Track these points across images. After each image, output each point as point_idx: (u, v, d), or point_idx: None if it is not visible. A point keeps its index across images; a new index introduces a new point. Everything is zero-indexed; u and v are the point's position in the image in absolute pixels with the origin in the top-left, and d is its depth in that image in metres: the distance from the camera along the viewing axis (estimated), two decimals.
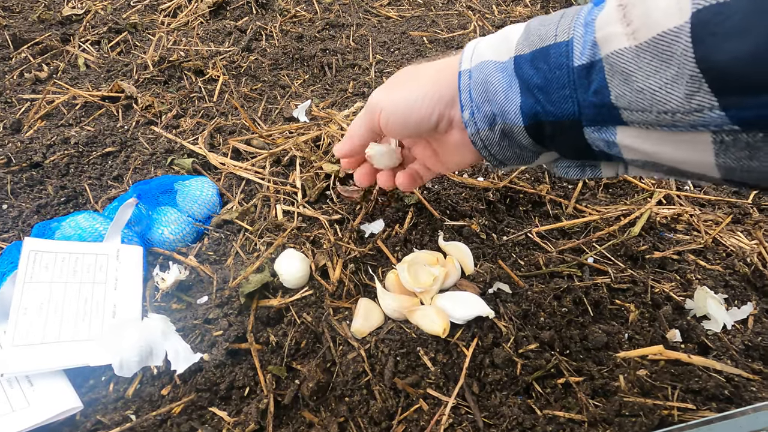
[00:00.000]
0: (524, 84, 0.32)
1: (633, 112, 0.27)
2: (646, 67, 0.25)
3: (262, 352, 0.45)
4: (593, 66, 0.28)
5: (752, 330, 0.47)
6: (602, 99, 0.28)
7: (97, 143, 0.75)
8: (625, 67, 0.26)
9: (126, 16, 1.16)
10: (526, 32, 0.33)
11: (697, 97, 0.24)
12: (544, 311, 0.48)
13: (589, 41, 0.28)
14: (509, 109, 0.33)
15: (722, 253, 0.55)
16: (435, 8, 1.21)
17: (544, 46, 0.31)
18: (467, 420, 0.40)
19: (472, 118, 0.35)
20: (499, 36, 0.35)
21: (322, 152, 0.70)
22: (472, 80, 0.35)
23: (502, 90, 0.33)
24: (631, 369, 0.43)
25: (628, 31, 0.26)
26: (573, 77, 0.29)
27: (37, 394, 0.39)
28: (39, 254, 0.46)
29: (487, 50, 0.35)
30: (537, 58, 0.31)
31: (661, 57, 0.25)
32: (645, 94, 0.26)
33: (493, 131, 0.35)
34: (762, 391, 0.40)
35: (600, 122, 0.29)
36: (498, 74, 0.33)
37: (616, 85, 0.27)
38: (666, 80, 0.25)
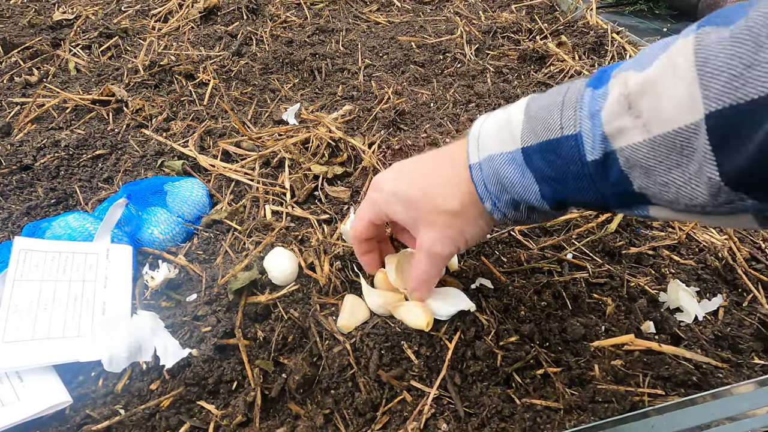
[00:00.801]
0: (538, 175, 0.32)
1: (660, 199, 0.27)
2: (666, 161, 0.25)
3: (250, 347, 0.46)
4: (607, 159, 0.28)
5: (722, 321, 0.49)
6: (624, 189, 0.28)
7: (88, 146, 0.76)
8: (643, 162, 0.26)
9: (117, 21, 1.17)
10: (528, 119, 0.32)
11: (723, 195, 0.23)
12: (524, 305, 0.49)
13: (599, 135, 0.28)
14: (530, 197, 0.33)
15: (695, 249, 0.57)
16: (423, 14, 1.24)
17: (551, 138, 0.30)
18: (449, 410, 0.42)
19: (495, 207, 0.36)
20: (501, 121, 0.35)
21: (310, 154, 0.71)
22: (483, 173, 0.35)
23: (518, 182, 0.33)
24: (607, 359, 0.44)
25: (638, 124, 0.25)
26: (588, 171, 0.29)
27: (27, 389, 0.40)
28: (29, 253, 0.47)
29: (491, 141, 0.35)
30: (546, 151, 0.31)
31: (682, 152, 0.24)
32: (670, 188, 0.25)
33: (519, 211, 0.35)
34: (728, 378, 0.42)
35: (628, 206, 0.29)
36: (508, 167, 0.33)
37: (636, 177, 0.27)
38: (690, 176, 0.24)
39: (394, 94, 0.87)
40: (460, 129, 0.80)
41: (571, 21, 1.11)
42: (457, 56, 1.01)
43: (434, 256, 0.40)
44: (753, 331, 0.48)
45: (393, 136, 0.76)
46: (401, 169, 0.41)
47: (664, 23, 1.25)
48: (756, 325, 0.48)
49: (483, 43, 1.06)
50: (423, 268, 0.41)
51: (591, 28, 1.06)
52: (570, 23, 1.11)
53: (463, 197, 0.37)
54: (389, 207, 0.40)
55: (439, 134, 0.76)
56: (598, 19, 1.09)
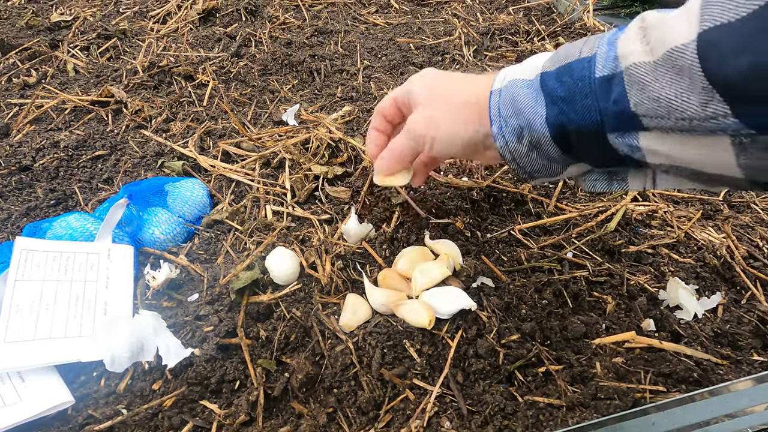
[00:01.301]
0: (549, 97, 0.34)
1: (652, 118, 0.29)
2: (662, 79, 0.27)
3: (252, 346, 0.46)
4: (614, 77, 0.30)
5: (721, 318, 0.49)
6: (622, 107, 0.30)
7: (87, 147, 0.75)
8: (642, 77, 0.28)
9: (115, 22, 1.17)
10: (554, 54, 0.35)
11: (711, 106, 0.26)
12: (525, 304, 0.49)
13: (611, 56, 0.30)
14: (535, 120, 0.35)
15: (694, 247, 0.57)
16: (421, 16, 1.24)
17: (569, 62, 0.33)
18: (452, 408, 0.42)
19: (500, 132, 0.37)
20: (529, 60, 0.38)
21: (311, 154, 0.71)
22: (501, 98, 0.37)
23: (529, 104, 0.35)
24: (608, 356, 0.45)
25: (646, 49, 0.28)
26: (594, 87, 0.31)
27: (29, 389, 0.40)
28: (31, 253, 0.47)
29: (516, 71, 0.38)
30: (561, 73, 0.34)
31: (674, 69, 0.27)
32: (661, 102, 0.28)
33: (521, 144, 0.37)
34: (728, 375, 0.43)
35: (622, 129, 0.31)
36: (525, 90, 0.36)
37: (634, 94, 0.29)
38: (681, 90, 0.27)
39: None
40: None
41: (569, 23, 1.12)
42: (455, 57, 1.01)
43: (410, 130, 0.43)
44: (752, 328, 0.48)
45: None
46: (445, 73, 0.45)
47: None
48: (755, 322, 0.48)
49: (481, 45, 1.06)
50: (397, 139, 0.45)
51: (588, 30, 1.07)
52: (567, 25, 1.11)
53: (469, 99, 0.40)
54: (415, 88, 0.44)
55: None
56: (595, 20, 1.10)
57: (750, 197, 0.67)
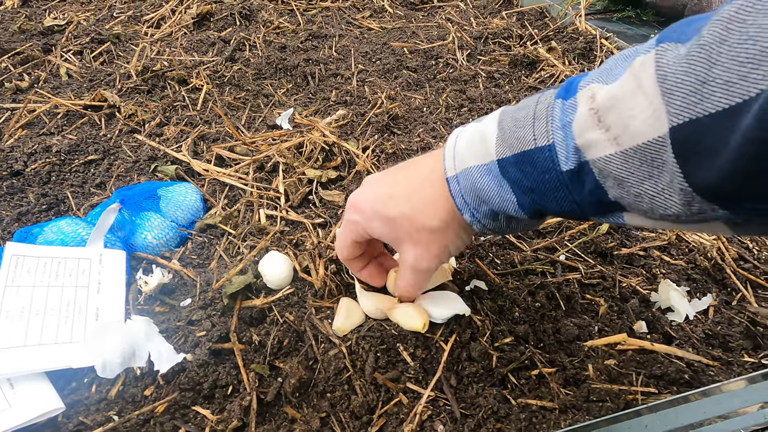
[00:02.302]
0: (516, 186, 0.33)
1: (635, 209, 0.27)
2: (638, 173, 0.26)
3: (245, 351, 0.46)
4: (582, 169, 0.29)
5: (712, 320, 0.50)
6: (599, 198, 0.29)
7: (80, 151, 0.75)
8: (616, 173, 0.26)
9: (109, 26, 1.17)
10: (501, 132, 0.33)
11: (695, 205, 0.24)
12: (518, 306, 0.50)
13: (572, 146, 0.28)
14: (508, 207, 0.34)
15: (685, 249, 0.58)
16: (415, 20, 1.25)
17: (526, 150, 0.31)
18: (445, 411, 0.42)
19: (474, 218, 0.36)
20: (475, 135, 0.35)
21: (304, 158, 0.71)
22: (461, 186, 0.36)
23: (495, 193, 0.34)
24: (600, 358, 0.45)
25: (608, 137, 0.26)
26: (564, 181, 0.30)
27: (19, 396, 0.40)
28: (21, 258, 0.47)
29: (467, 154, 0.35)
30: (522, 162, 0.31)
31: (653, 164, 0.25)
32: (644, 198, 0.26)
33: (498, 221, 0.36)
34: (719, 376, 0.43)
35: (603, 213, 0.30)
36: (485, 178, 0.34)
37: (611, 187, 0.28)
38: (662, 186, 0.25)
39: (388, 99, 0.88)
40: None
41: (561, 27, 1.13)
42: (449, 62, 1.02)
43: (419, 270, 0.41)
44: (742, 329, 0.49)
45: (387, 141, 0.77)
46: (378, 187, 0.41)
47: (651, 29, 1.27)
48: (745, 324, 0.49)
49: (475, 49, 1.07)
50: (409, 282, 0.43)
51: (580, 34, 1.08)
52: (560, 29, 1.12)
53: (443, 214, 0.37)
54: (371, 227, 0.41)
55: (432, 138, 0.77)
56: (587, 25, 1.11)
57: None
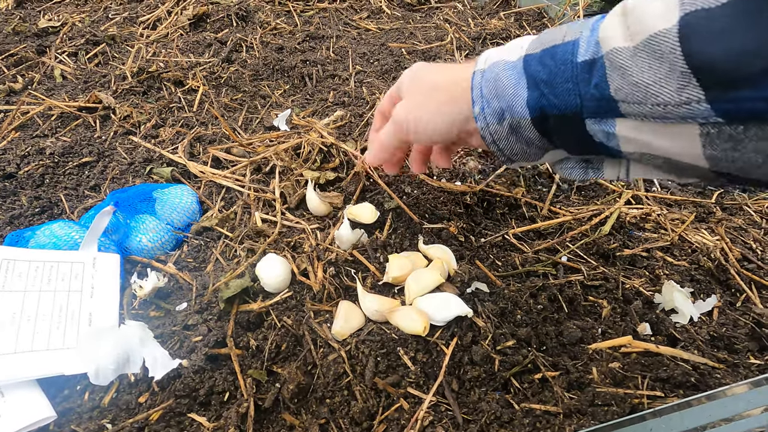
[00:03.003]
0: (531, 79, 0.35)
1: (630, 104, 0.30)
2: (641, 64, 0.28)
3: (242, 356, 0.45)
4: (595, 62, 0.31)
5: (717, 321, 0.49)
6: (602, 92, 0.31)
7: (74, 153, 0.74)
8: (622, 63, 0.29)
9: (104, 28, 1.16)
10: (538, 37, 0.36)
11: (686, 91, 0.27)
12: (520, 309, 0.49)
13: (593, 41, 0.31)
14: (516, 103, 0.36)
15: (688, 250, 0.57)
16: (413, 21, 1.24)
17: (552, 45, 0.34)
18: (447, 416, 0.41)
19: (482, 113, 0.38)
20: (513, 42, 0.38)
21: (302, 160, 0.70)
22: (484, 78, 0.38)
23: (511, 86, 0.36)
24: (605, 361, 0.44)
25: (626, 34, 0.29)
26: (576, 72, 0.32)
27: (9, 404, 0.38)
28: (12, 263, 0.46)
29: (499, 52, 0.38)
30: (545, 56, 0.34)
31: (654, 55, 0.28)
32: (640, 88, 0.29)
33: (501, 126, 0.37)
34: (726, 378, 0.42)
35: (600, 114, 0.32)
36: (508, 72, 0.36)
37: (614, 79, 0.30)
38: (659, 76, 0.28)
39: None
40: None
41: None
42: (447, 62, 1.01)
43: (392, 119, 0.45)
44: (747, 330, 0.48)
45: None
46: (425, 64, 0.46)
47: None
48: (750, 325, 0.48)
49: (473, 50, 1.07)
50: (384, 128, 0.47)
51: None
52: None
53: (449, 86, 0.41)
54: (401, 78, 0.46)
55: None
56: None
57: (742, 200, 0.68)
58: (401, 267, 0.50)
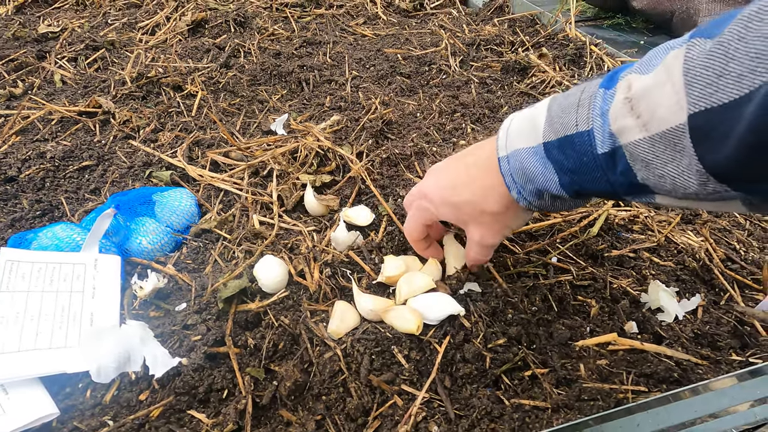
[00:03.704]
0: (558, 166, 0.36)
1: (660, 190, 0.31)
2: (662, 156, 0.29)
3: (241, 355, 0.46)
4: (615, 153, 0.32)
5: (701, 319, 0.50)
6: (630, 179, 0.32)
7: (74, 157, 0.75)
8: (644, 156, 0.30)
9: (103, 33, 1.17)
10: (549, 117, 0.37)
11: (710, 185, 0.27)
12: (511, 308, 0.50)
13: (607, 132, 0.32)
14: (551, 186, 0.38)
15: (673, 251, 0.59)
16: (408, 27, 1.26)
17: (568, 134, 0.35)
18: (439, 412, 0.42)
19: (521, 195, 0.40)
20: (526, 120, 0.39)
21: (299, 163, 0.72)
22: (510, 166, 0.40)
23: (540, 173, 0.38)
24: (592, 358, 0.45)
25: (639, 123, 0.29)
26: (600, 162, 0.33)
27: (13, 401, 0.39)
28: (16, 264, 0.47)
29: (518, 138, 0.40)
30: (564, 145, 0.35)
31: (675, 148, 0.28)
32: (666, 180, 0.29)
33: (543, 200, 0.40)
34: (708, 374, 0.44)
35: (635, 194, 0.33)
36: (532, 159, 0.38)
37: (639, 169, 0.31)
38: (683, 169, 0.28)
39: (382, 105, 0.88)
40: (446, 138, 0.81)
41: (552, 34, 1.15)
42: (442, 68, 1.03)
43: (485, 245, 0.47)
44: (730, 328, 0.50)
45: (381, 146, 0.78)
46: (442, 177, 0.47)
47: (641, 36, 1.29)
48: (733, 323, 0.50)
49: (467, 55, 1.09)
50: (477, 254, 0.48)
51: (570, 41, 1.10)
52: (550, 36, 1.14)
53: (503, 199, 0.42)
54: (440, 212, 0.47)
55: (425, 143, 0.78)
56: (577, 32, 1.13)
57: None
58: (396, 267, 0.52)
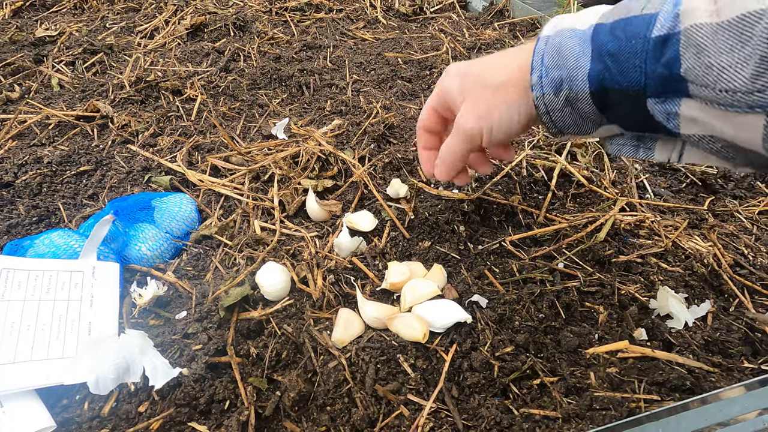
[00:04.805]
0: (597, 50, 0.33)
1: (698, 86, 0.28)
2: (722, 45, 0.27)
3: (243, 364, 0.45)
4: (669, 38, 0.29)
5: (711, 326, 0.50)
6: (671, 70, 0.29)
7: (72, 162, 0.74)
8: (701, 41, 0.27)
9: (102, 37, 1.17)
10: (616, 6, 0.34)
11: (762, 78, 0.25)
12: (518, 315, 0.49)
13: (673, 14, 0.29)
14: (577, 75, 0.34)
15: (681, 256, 0.58)
16: (408, 31, 1.26)
17: (628, 16, 0.32)
18: (447, 423, 0.41)
19: (539, 81, 0.36)
20: (588, 10, 0.36)
21: (300, 168, 0.71)
22: (548, 45, 0.36)
23: (574, 55, 0.34)
24: (602, 366, 0.45)
25: (712, 9, 0.27)
26: (648, 47, 0.30)
27: (8, 415, 0.38)
28: (11, 272, 0.45)
29: (570, 20, 0.36)
30: (616, 27, 0.32)
31: (740, 37, 0.26)
32: (713, 70, 0.27)
33: (557, 97, 0.36)
34: (720, 382, 0.43)
35: (665, 94, 0.30)
36: (573, 40, 0.35)
37: (687, 57, 0.28)
38: (738, 59, 0.26)
39: (383, 109, 0.88)
40: None
41: None
42: (443, 72, 1.03)
43: (459, 130, 0.42)
44: (741, 335, 0.49)
45: (383, 150, 0.77)
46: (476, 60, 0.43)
47: None
48: (744, 330, 0.49)
49: (468, 59, 1.08)
50: (449, 142, 0.43)
51: None
52: None
53: (507, 77, 0.39)
54: (448, 82, 0.43)
55: None
56: None
57: (733, 206, 0.69)
58: (400, 274, 0.51)
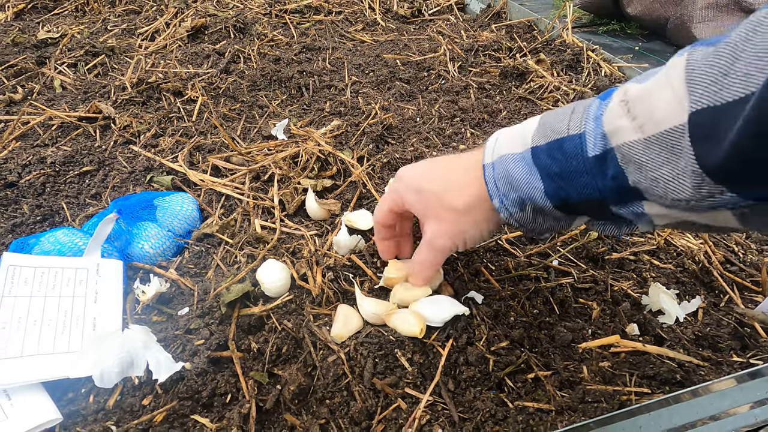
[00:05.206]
0: (544, 172, 0.35)
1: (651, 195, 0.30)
2: (657, 158, 0.28)
3: (244, 359, 0.46)
4: (606, 155, 0.31)
5: (702, 321, 0.51)
6: (620, 183, 0.31)
7: (74, 162, 0.75)
8: (637, 157, 0.29)
9: (103, 39, 1.18)
10: (540, 127, 0.36)
11: (705, 188, 0.26)
12: (513, 311, 0.50)
13: (600, 133, 0.31)
14: (535, 195, 0.36)
15: (673, 253, 0.59)
16: (407, 33, 1.27)
17: (558, 138, 0.34)
18: (443, 415, 0.42)
19: (502, 204, 0.39)
20: (516, 131, 0.38)
21: (300, 168, 0.72)
22: (495, 172, 0.38)
23: (525, 180, 0.36)
24: (595, 360, 0.46)
25: (634, 125, 0.29)
26: (589, 166, 0.32)
27: (15, 407, 0.39)
28: (18, 269, 0.47)
29: (505, 144, 0.38)
30: (552, 149, 0.34)
31: (672, 150, 0.27)
32: (659, 183, 0.28)
33: (525, 212, 0.38)
34: (709, 375, 0.44)
35: (624, 201, 0.32)
36: (518, 164, 0.36)
37: (631, 172, 0.30)
38: (678, 172, 0.27)
39: (381, 110, 0.89)
40: (446, 142, 0.82)
41: (549, 40, 1.16)
42: (440, 73, 1.04)
43: (434, 247, 0.44)
44: (730, 330, 0.50)
45: (381, 150, 0.78)
46: (425, 166, 0.45)
47: (635, 42, 1.31)
48: (733, 325, 0.50)
49: (465, 61, 1.09)
50: (423, 256, 0.45)
51: (568, 47, 1.11)
52: (548, 42, 1.16)
53: (469, 198, 0.40)
54: (406, 196, 0.44)
55: (425, 147, 0.78)
56: (574, 38, 1.14)
57: None
58: (397, 270, 0.52)
